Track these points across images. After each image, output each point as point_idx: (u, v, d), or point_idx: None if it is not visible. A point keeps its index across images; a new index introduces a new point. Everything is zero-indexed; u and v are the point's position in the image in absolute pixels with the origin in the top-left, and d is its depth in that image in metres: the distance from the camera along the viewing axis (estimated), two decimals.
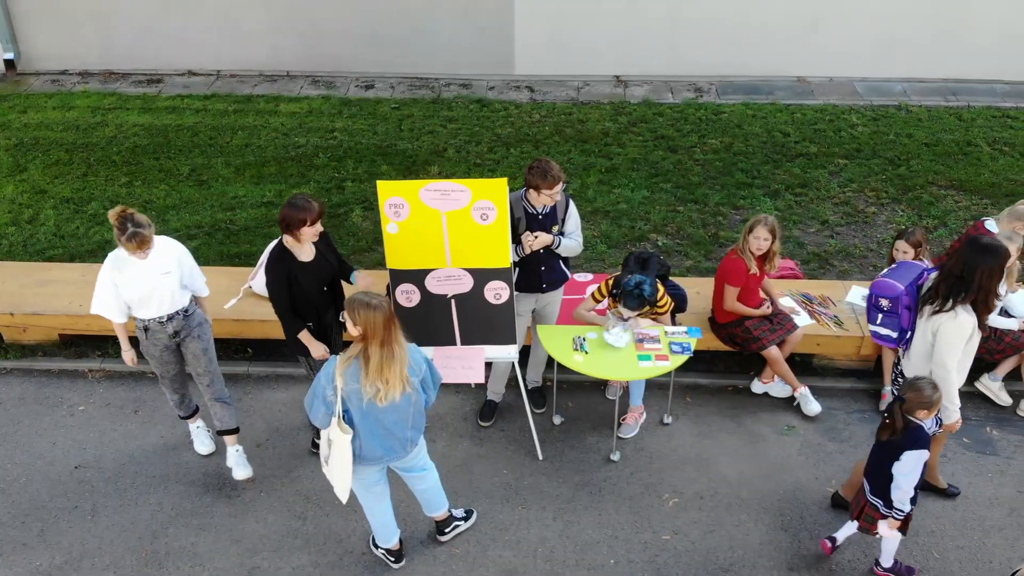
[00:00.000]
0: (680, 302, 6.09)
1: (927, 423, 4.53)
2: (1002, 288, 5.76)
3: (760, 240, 5.73)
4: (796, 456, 5.76)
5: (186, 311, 5.21)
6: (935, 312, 4.67)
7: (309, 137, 9.53)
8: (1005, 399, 6.08)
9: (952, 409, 4.76)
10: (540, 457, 5.72)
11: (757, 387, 6.25)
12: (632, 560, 5.06)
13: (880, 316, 4.99)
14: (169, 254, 5.07)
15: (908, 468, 4.47)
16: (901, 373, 5.03)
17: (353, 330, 4.17)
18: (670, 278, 6.17)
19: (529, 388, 6.18)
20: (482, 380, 5.47)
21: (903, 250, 5.95)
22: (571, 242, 5.49)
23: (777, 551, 5.11)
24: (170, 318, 5.15)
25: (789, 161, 9.00)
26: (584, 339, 5.53)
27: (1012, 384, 6.13)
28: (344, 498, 4.57)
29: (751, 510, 5.38)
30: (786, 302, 6.39)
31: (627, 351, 5.44)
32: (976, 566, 5.04)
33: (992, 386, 6.10)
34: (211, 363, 5.35)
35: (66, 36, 11.01)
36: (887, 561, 4.92)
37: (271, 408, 6.13)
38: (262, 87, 10.76)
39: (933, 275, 4.89)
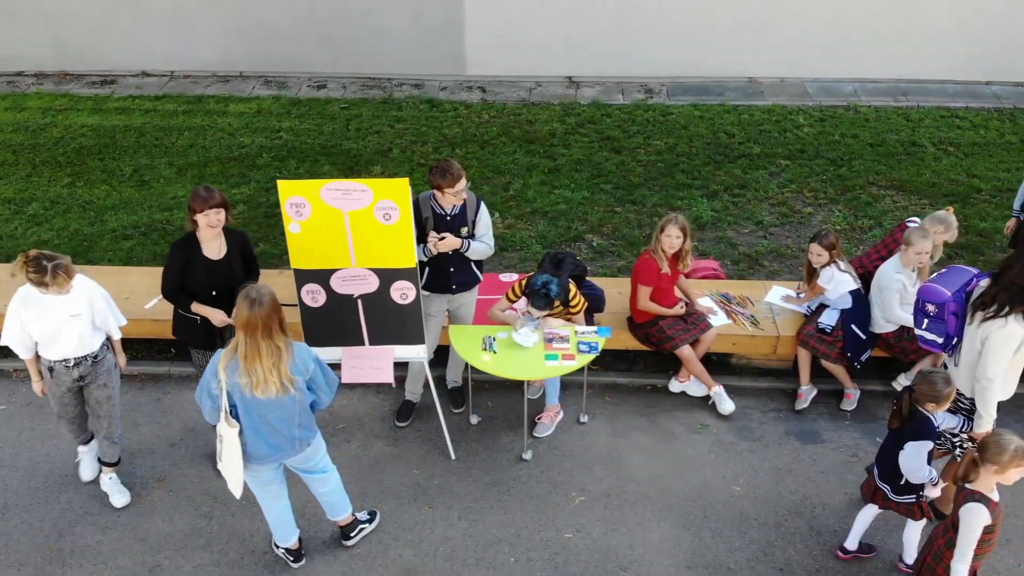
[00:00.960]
0: (596, 302, 6.11)
1: (940, 418, 4.58)
2: (910, 282, 5.82)
3: (672, 239, 5.75)
4: (706, 455, 5.78)
5: (95, 356, 5.07)
6: (986, 319, 4.61)
7: (255, 137, 9.55)
8: None
9: (986, 419, 4.72)
10: (452, 457, 5.74)
11: (674, 386, 6.27)
12: (532, 558, 5.08)
13: (926, 321, 4.93)
14: (80, 295, 4.91)
15: (908, 456, 4.51)
16: None
17: None
18: (587, 278, 6.19)
19: (449, 388, 6.21)
20: (391, 380, 5.49)
21: (817, 252, 5.98)
22: (480, 245, 5.51)
23: (677, 549, 5.14)
24: (77, 363, 5.03)
25: (731, 162, 9.04)
26: (494, 339, 5.55)
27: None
28: (237, 493, 4.61)
29: (656, 508, 5.40)
30: (705, 302, 6.42)
31: (535, 350, 5.46)
32: (862, 565, 5.06)
33: (906, 383, 6.12)
34: (113, 408, 5.24)
35: (21, 38, 11.03)
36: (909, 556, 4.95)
37: (188, 408, 6.13)
38: (214, 87, 10.78)
39: (984, 281, 4.79)
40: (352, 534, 5.13)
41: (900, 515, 4.83)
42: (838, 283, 5.99)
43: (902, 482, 4.66)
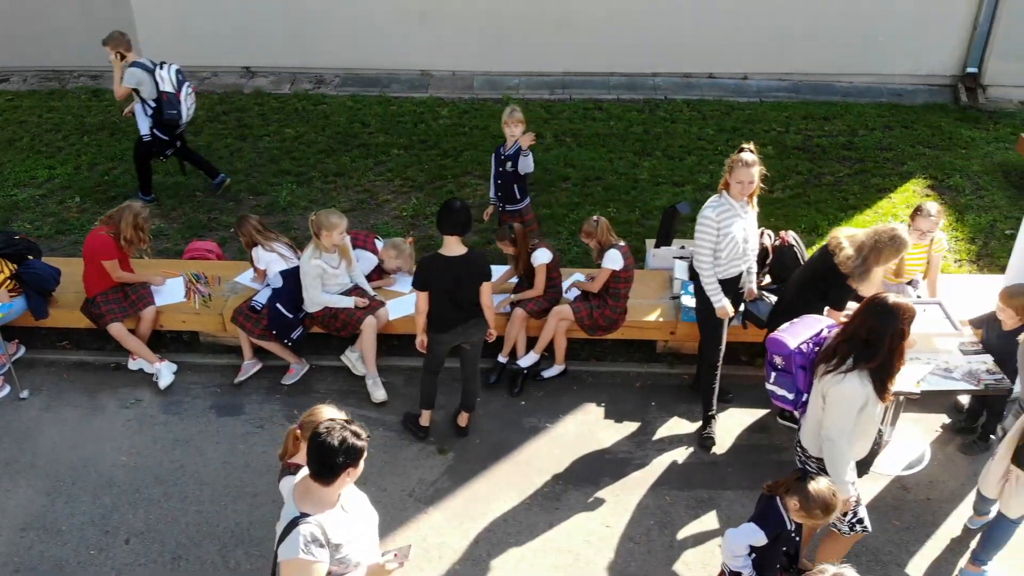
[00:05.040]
0: (38, 281, 6.31)
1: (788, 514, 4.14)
2: (332, 266, 6.09)
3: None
4: (119, 428, 6.01)
5: None
6: (826, 372, 4.28)
7: None
8: (361, 369, 6.36)
9: (840, 486, 4.22)
10: None
11: (132, 364, 6.49)
12: None
13: (774, 374, 4.58)
14: None
15: (737, 535, 4.16)
16: (799, 443, 4.58)
17: None
18: (36, 258, 6.41)
19: None
20: None
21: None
22: None
23: (24, 513, 5.39)
24: None
25: (347, 151, 9.27)
26: None
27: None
28: None
29: (35, 477, 5.63)
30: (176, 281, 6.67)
31: None
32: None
33: (351, 356, 6.39)
34: None
35: None
36: None
37: None
38: None
39: (836, 331, 4.46)
40: None
41: None
42: (267, 262, 6.24)
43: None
